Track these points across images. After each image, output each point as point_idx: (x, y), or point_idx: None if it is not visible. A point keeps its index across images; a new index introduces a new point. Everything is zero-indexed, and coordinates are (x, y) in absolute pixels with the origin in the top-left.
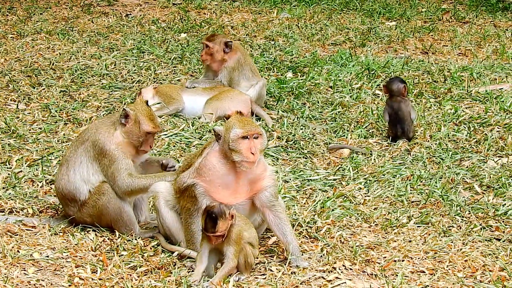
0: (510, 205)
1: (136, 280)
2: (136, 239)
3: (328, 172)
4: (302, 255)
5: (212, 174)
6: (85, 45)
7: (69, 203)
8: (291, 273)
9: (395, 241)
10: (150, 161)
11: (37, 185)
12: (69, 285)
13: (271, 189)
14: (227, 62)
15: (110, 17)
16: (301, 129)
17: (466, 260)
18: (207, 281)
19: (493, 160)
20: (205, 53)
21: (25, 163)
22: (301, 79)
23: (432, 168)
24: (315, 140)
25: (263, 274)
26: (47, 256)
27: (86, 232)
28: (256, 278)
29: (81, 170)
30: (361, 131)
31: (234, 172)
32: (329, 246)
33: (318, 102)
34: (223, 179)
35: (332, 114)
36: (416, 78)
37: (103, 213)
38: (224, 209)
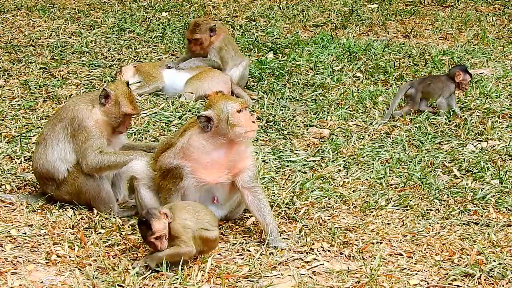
0: (488, 189)
1: (113, 258)
2: (114, 217)
3: (307, 154)
4: (281, 236)
5: (200, 152)
6: (65, 22)
7: (47, 182)
8: (269, 253)
9: (373, 224)
10: (128, 147)
11: (16, 161)
12: (47, 262)
13: (253, 168)
14: (214, 44)
15: None
16: (281, 110)
17: (444, 244)
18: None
19: (473, 144)
20: (194, 45)
21: (4, 140)
22: (282, 60)
23: (411, 151)
24: (295, 121)
25: (241, 254)
26: (25, 233)
27: (64, 209)
28: (233, 258)
29: (58, 148)
30: (341, 113)
31: (222, 149)
32: (307, 227)
33: (298, 84)
34: (212, 155)
35: (312, 95)
36: (397, 61)
37: (82, 191)
38: (153, 211)
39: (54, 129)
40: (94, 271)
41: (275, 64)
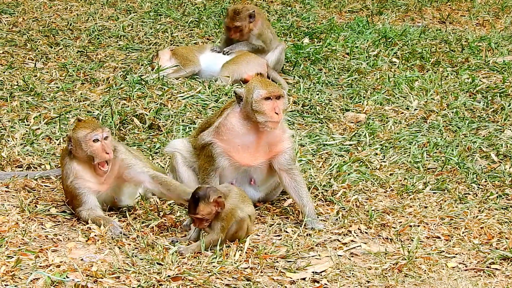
0: None
1: (151, 236)
2: (152, 197)
3: (344, 137)
4: (318, 217)
5: (232, 134)
6: (102, 6)
7: None
8: (307, 235)
9: (410, 207)
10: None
11: (54, 142)
12: (86, 240)
13: (290, 151)
14: (253, 30)
15: None
16: (317, 94)
17: (482, 227)
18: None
19: (510, 129)
20: (234, 32)
21: (43, 121)
22: (318, 45)
23: (448, 136)
24: (331, 105)
25: (278, 235)
26: (64, 212)
27: None
28: (271, 239)
29: None
30: (377, 97)
31: (254, 133)
32: (344, 209)
33: (334, 68)
34: (243, 139)
35: (348, 80)
36: (433, 47)
37: None
38: (210, 193)
39: None
40: (133, 250)
41: (310, 49)
